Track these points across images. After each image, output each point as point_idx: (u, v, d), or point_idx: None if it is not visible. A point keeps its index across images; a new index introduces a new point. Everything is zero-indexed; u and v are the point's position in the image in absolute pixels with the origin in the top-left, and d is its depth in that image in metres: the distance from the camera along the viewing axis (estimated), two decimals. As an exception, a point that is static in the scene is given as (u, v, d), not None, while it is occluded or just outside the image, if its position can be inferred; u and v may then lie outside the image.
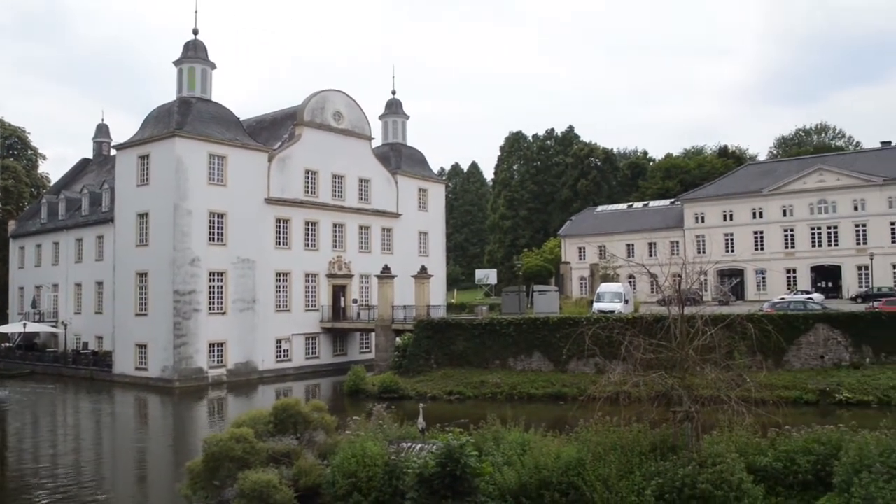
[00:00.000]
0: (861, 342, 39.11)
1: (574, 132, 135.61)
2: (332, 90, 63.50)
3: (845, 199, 76.17)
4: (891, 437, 16.77)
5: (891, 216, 73.70)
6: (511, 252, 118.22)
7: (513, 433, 19.62)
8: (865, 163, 78.78)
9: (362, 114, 65.57)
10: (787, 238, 79.50)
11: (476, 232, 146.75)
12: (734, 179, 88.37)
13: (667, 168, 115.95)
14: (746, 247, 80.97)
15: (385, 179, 67.04)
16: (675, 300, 17.42)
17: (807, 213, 78.29)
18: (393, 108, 73.24)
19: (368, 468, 18.26)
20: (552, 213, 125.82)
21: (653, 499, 15.30)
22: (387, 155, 69.96)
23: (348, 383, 44.75)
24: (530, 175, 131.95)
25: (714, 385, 16.78)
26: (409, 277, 56.59)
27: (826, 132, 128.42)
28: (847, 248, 75.61)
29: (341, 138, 62.89)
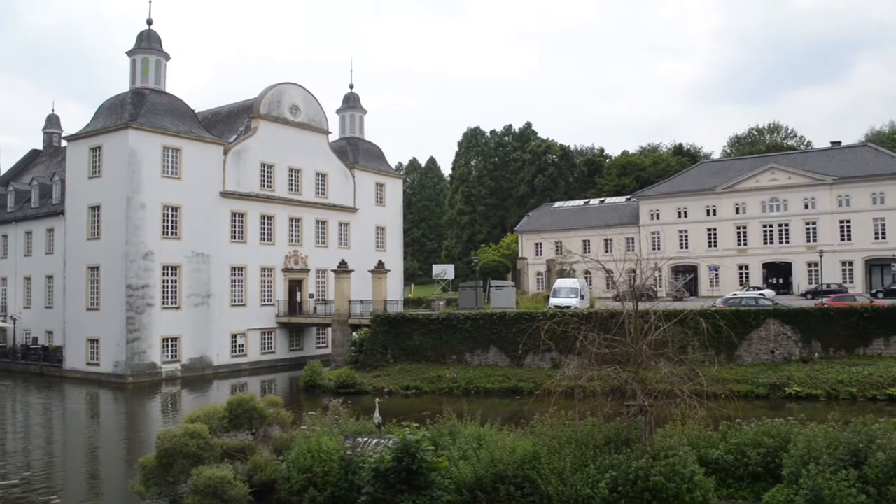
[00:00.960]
0: (810, 337, 40.05)
1: (531, 128, 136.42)
2: (288, 83, 62.95)
3: (796, 198, 77.78)
4: (838, 429, 17.23)
5: (840, 214, 75.49)
6: (468, 247, 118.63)
7: (469, 427, 19.74)
8: (816, 162, 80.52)
9: (319, 107, 65.15)
10: (740, 235, 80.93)
11: (433, 227, 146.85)
12: (689, 177, 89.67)
13: (623, 165, 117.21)
14: (700, 243, 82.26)
15: (342, 174, 66.72)
16: (629, 296, 17.68)
17: (759, 211, 79.78)
18: (350, 103, 72.88)
19: (324, 463, 18.23)
20: (509, 209, 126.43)
21: (606, 491, 15.53)
22: (344, 149, 69.65)
23: (304, 378, 44.54)
24: (488, 171, 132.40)
25: (667, 379, 17.08)
26: (366, 272, 56.45)
27: (778, 132, 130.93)
28: (798, 245, 77.26)
29: (298, 132, 62.42)
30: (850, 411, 22.68)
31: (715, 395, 17.71)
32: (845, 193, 75.39)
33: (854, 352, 39.24)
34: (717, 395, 18.01)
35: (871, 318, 39.47)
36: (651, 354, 17.07)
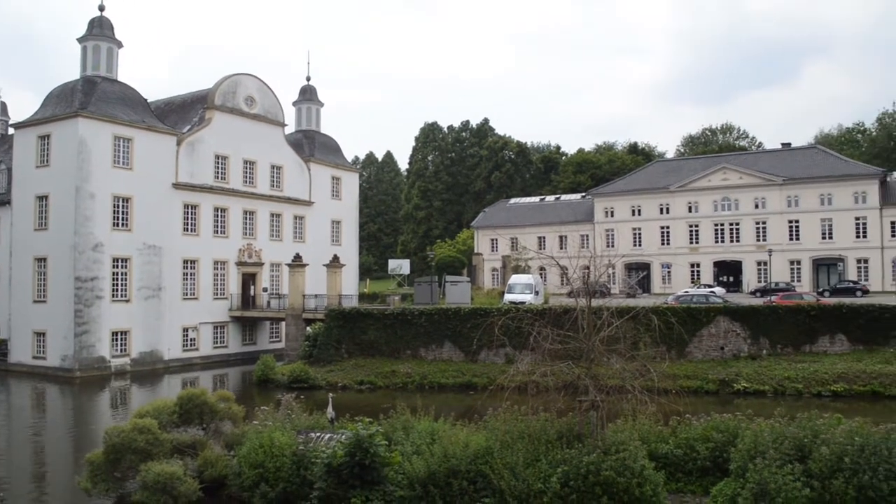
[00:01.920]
0: (759, 334, 40.85)
1: (489, 125, 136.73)
2: (244, 74, 62.17)
3: (747, 198, 79.22)
4: (784, 425, 17.59)
5: (789, 214, 77.10)
6: (424, 242, 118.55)
7: (422, 422, 19.75)
8: (767, 163, 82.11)
9: (275, 99, 64.45)
10: (692, 233, 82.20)
11: (390, 222, 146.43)
12: (643, 176, 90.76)
13: (579, 163, 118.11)
14: (653, 241, 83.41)
15: (298, 166, 66.14)
16: (582, 292, 17.82)
17: (711, 210, 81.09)
18: (307, 95, 72.26)
19: (276, 458, 18.11)
20: (466, 205, 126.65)
21: (558, 486, 15.65)
22: (300, 142, 69.03)
23: (257, 373, 44.18)
24: (445, 166, 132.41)
25: (619, 375, 17.27)
26: (321, 266, 56.07)
27: (731, 132, 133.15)
28: (748, 244, 78.74)
29: (253, 124, 61.68)
30: (796, 407, 23.20)
31: (665, 390, 17.98)
32: (794, 194, 77.04)
33: (801, 349, 40.12)
34: (668, 391, 18.29)
35: (817, 317, 40.40)
36: (603, 350, 17.23)
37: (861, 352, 38.91)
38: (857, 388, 35.61)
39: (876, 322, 39.19)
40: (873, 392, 35.19)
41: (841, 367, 37.26)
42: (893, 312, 39.19)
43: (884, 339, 38.86)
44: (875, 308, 39.83)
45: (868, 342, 39.10)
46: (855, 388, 35.59)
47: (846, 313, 39.94)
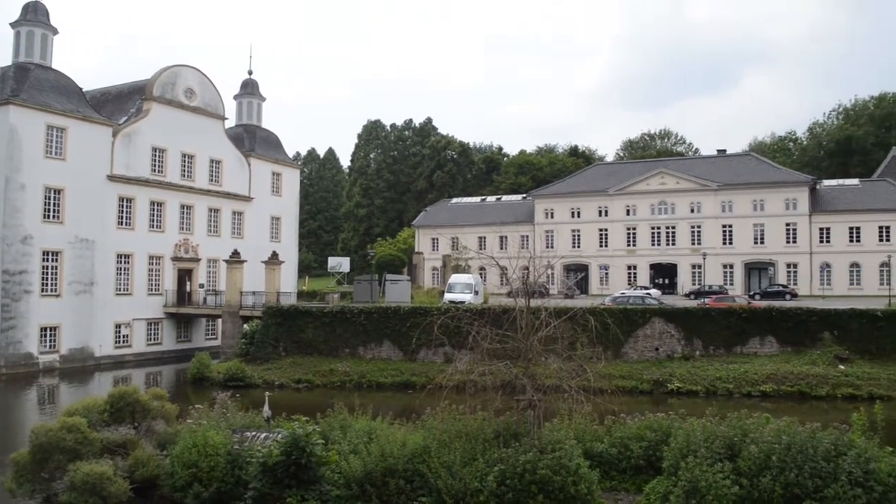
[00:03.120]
0: (692, 336, 41.76)
1: (432, 124, 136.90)
2: (184, 66, 61.00)
3: (683, 202, 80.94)
4: (715, 424, 17.99)
5: (723, 219, 79.03)
6: (365, 240, 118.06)
7: (360, 421, 19.64)
8: (703, 169, 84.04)
9: (216, 92, 63.38)
10: (630, 236, 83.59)
11: (330, 219, 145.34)
12: (583, 179, 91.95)
13: (520, 164, 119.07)
14: (592, 243, 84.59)
15: (237, 161, 65.14)
16: (521, 292, 17.95)
17: (648, 214, 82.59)
18: (249, 89, 71.20)
19: (210, 458, 17.81)
20: (407, 204, 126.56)
21: (494, 484, 15.73)
22: (240, 136, 68.00)
23: (192, 371, 43.43)
24: (387, 164, 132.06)
25: (556, 374, 17.44)
26: (259, 263, 55.31)
27: (669, 138, 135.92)
28: (683, 247, 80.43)
29: (192, 116, 60.54)
30: (727, 407, 23.72)
31: (601, 390, 18.20)
32: (728, 199, 79.00)
33: (732, 350, 41.14)
34: (604, 391, 18.51)
35: (748, 319, 41.49)
36: (541, 350, 17.39)
37: (789, 353, 40.09)
38: (785, 388, 36.72)
39: (804, 325, 40.44)
40: (800, 392, 36.33)
41: (770, 368, 38.38)
42: (820, 316, 40.51)
43: (811, 342, 40.10)
44: (803, 311, 41.12)
45: (796, 344, 40.31)
46: (783, 389, 36.69)
47: (776, 316, 41.12)
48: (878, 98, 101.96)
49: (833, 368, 37.87)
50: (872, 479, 15.55)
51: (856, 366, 38.11)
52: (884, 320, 39.40)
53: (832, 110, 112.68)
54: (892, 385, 36.06)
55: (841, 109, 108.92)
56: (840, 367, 38.04)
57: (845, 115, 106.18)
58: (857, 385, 36.27)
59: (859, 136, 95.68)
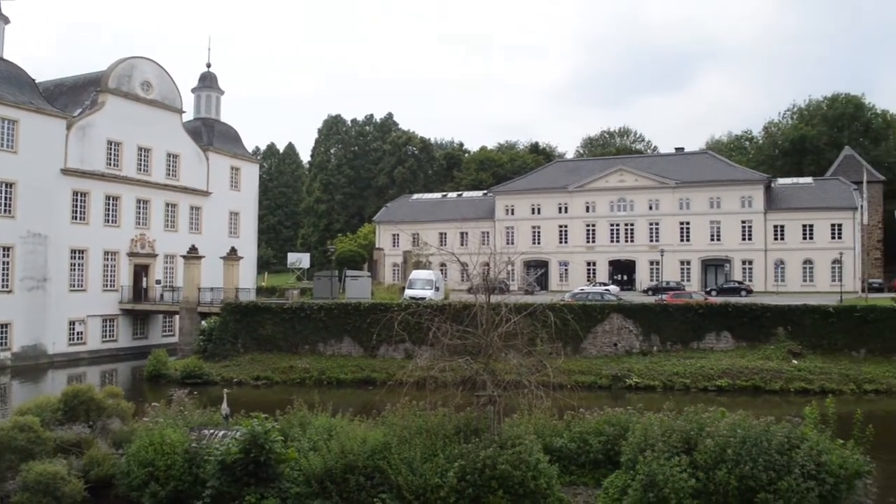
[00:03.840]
0: (650, 331, 42.27)
1: (393, 119, 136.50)
2: (141, 58, 59.94)
3: (642, 199, 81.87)
4: (672, 418, 18.25)
5: (681, 216, 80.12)
6: (325, 236, 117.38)
7: (320, 418, 19.54)
8: (661, 166, 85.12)
9: (173, 85, 62.41)
10: (589, 233, 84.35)
11: (290, 214, 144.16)
12: (543, 175, 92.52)
13: (481, 161, 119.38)
14: (552, 239, 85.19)
15: (195, 155, 64.26)
16: (482, 288, 18.00)
17: (607, 211, 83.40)
18: (207, 82, 70.26)
19: (167, 456, 17.58)
20: (368, 199, 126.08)
21: (455, 480, 15.76)
22: (198, 130, 67.08)
23: (149, 368, 42.79)
24: (347, 160, 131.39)
25: (516, 370, 17.52)
26: (217, 258, 54.66)
27: (628, 135, 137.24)
28: (642, 244, 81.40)
29: (149, 109, 59.54)
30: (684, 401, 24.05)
31: (561, 385, 18.34)
32: (686, 197, 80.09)
33: (689, 345, 41.72)
34: (564, 386, 18.66)
35: (705, 315, 42.11)
36: (501, 346, 17.46)
37: (744, 348, 40.78)
38: (740, 382, 37.37)
39: (758, 320, 41.16)
40: (755, 387, 37.00)
41: (726, 363, 39.03)
42: (774, 311, 41.27)
43: (765, 337, 40.85)
44: (757, 307, 41.85)
45: (751, 339, 41.02)
46: (738, 383, 37.33)
47: (731, 312, 41.78)
48: (830, 98, 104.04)
49: (786, 363, 38.64)
50: (824, 472, 15.93)
51: (808, 360, 38.92)
52: (835, 316, 40.27)
53: (787, 110, 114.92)
54: (844, 379, 36.91)
55: (795, 109, 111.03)
56: (793, 361, 38.83)
57: (799, 114, 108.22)
58: (809, 379, 37.06)
59: (813, 135, 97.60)
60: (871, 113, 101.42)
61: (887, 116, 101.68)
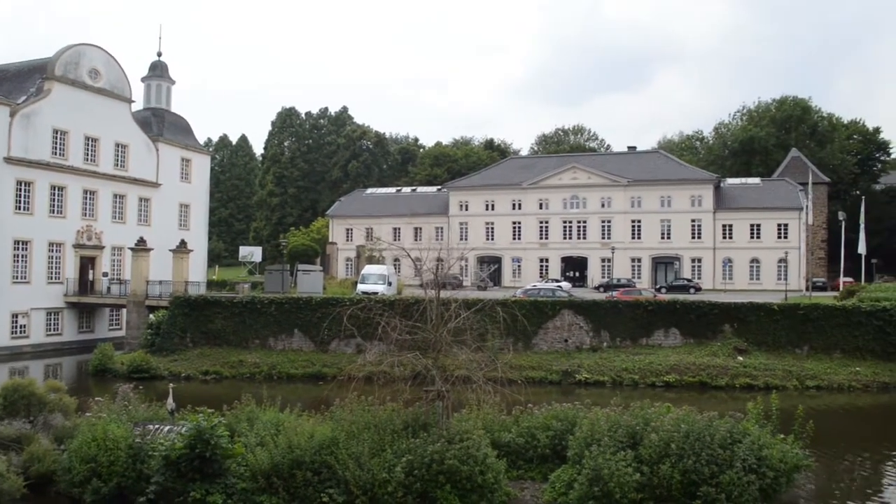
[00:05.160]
0: (600, 327, 42.72)
1: (348, 113, 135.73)
2: (89, 45, 58.52)
3: (594, 197, 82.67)
4: (618, 413, 18.51)
5: (632, 214, 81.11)
6: (278, 230, 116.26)
7: (268, 413, 19.41)
8: (614, 165, 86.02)
9: (123, 74, 61.08)
10: (542, 229, 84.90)
11: (242, 207, 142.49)
12: (498, 171, 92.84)
13: (436, 156, 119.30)
14: (505, 235, 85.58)
15: (145, 146, 63.04)
16: (432, 284, 18.03)
17: (560, 208, 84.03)
18: (158, 71, 68.93)
19: (110, 452, 17.32)
20: (322, 193, 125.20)
21: (402, 475, 15.79)
22: (148, 120, 65.81)
23: (94, 362, 41.99)
24: (301, 153, 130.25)
25: (465, 365, 17.60)
26: (167, 251, 53.75)
27: (582, 133, 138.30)
28: (594, 241, 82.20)
29: (97, 98, 58.20)
30: (632, 397, 24.46)
31: (511, 381, 18.49)
32: (638, 195, 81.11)
33: (638, 342, 42.28)
34: (514, 382, 18.81)
35: (654, 312, 42.72)
36: (451, 341, 17.51)
37: (692, 345, 41.48)
38: (687, 378, 37.98)
39: (705, 317, 41.88)
40: (701, 382, 37.63)
41: (673, 359, 39.65)
42: (721, 309, 42.04)
43: (712, 334, 41.59)
44: (705, 304, 42.59)
45: (698, 336, 41.73)
46: (685, 379, 37.94)
47: (679, 309, 42.45)
48: (779, 101, 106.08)
49: (732, 360, 39.39)
50: (765, 466, 16.33)
51: (753, 357, 39.74)
52: (780, 314, 41.17)
53: (737, 111, 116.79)
54: (787, 375, 37.76)
55: (745, 111, 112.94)
56: (739, 358, 39.60)
57: (749, 116, 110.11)
58: (754, 375, 37.82)
59: (761, 136, 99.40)
60: (817, 116, 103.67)
61: (833, 120, 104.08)
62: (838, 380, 37.46)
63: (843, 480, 21.93)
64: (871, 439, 28.74)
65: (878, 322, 39.75)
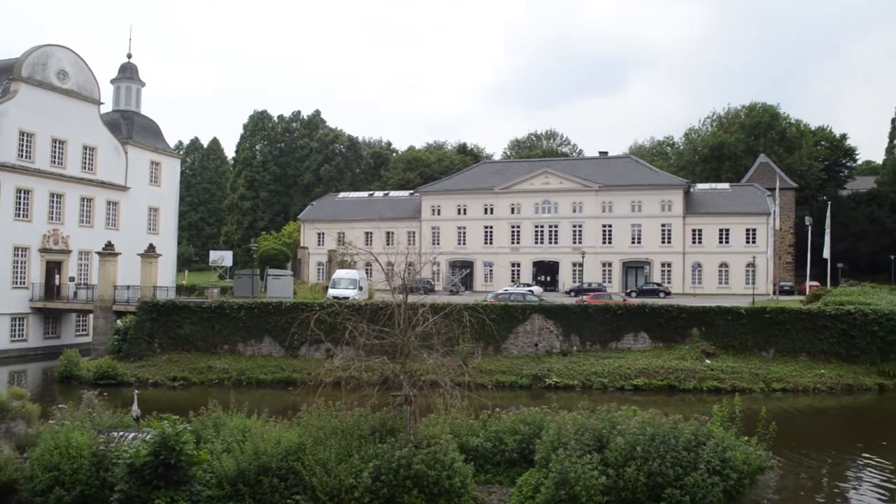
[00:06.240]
0: (570, 332, 42.94)
1: (320, 116, 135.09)
2: (57, 45, 57.81)
3: (566, 202, 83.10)
4: (585, 417, 18.62)
5: (603, 219, 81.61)
6: (249, 234, 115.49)
7: (234, 419, 19.27)
8: (585, 170, 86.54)
9: (91, 75, 60.38)
10: (514, 234, 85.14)
11: (213, 211, 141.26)
12: (470, 176, 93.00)
13: (409, 160, 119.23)
14: (477, 240, 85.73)
15: (113, 149, 62.34)
16: (401, 288, 18.03)
17: (532, 212, 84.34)
18: (127, 73, 68.20)
19: (73, 460, 17.08)
20: (294, 197, 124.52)
21: (369, 480, 15.75)
22: (117, 123, 65.09)
23: (59, 369, 41.43)
24: (273, 157, 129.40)
25: (434, 370, 17.60)
26: (135, 256, 53.20)
27: (554, 138, 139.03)
28: (565, 245, 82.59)
29: (65, 100, 57.49)
30: (601, 400, 24.57)
31: (481, 385, 18.52)
32: (609, 200, 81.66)
33: (608, 346, 42.56)
34: (483, 386, 18.84)
35: (623, 315, 43.01)
36: (419, 346, 17.51)
37: (661, 349, 41.83)
38: (655, 382, 38.30)
39: (674, 321, 42.26)
40: (669, 386, 37.99)
41: (642, 362, 39.96)
42: (689, 313, 42.46)
43: (680, 337, 41.97)
44: (673, 308, 42.98)
45: (667, 340, 42.10)
46: (654, 383, 38.26)
47: (648, 313, 42.79)
48: (748, 108, 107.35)
49: (700, 363, 39.79)
50: (729, 467, 16.52)
51: (721, 360, 40.17)
52: (746, 317, 41.66)
53: (707, 117, 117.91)
54: (754, 378, 38.22)
55: (715, 117, 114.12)
56: (706, 361, 40.01)
57: (718, 122, 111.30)
58: (721, 378, 38.24)
59: (731, 142, 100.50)
60: (785, 122, 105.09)
61: (800, 126, 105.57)
62: (803, 382, 38.00)
63: (806, 482, 22.23)
64: (835, 441, 29.17)
65: (842, 325, 40.37)
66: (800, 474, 22.85)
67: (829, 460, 25.31)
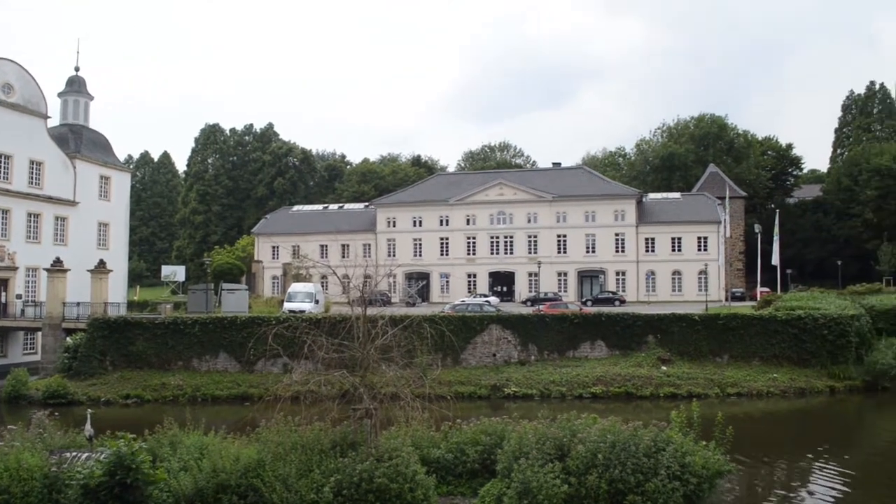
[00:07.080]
0: (528, 341, 43.16)
1: (273, 129, 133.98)
2: (1, 58, 56.47)
3: (521, 212, 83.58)
4: (546, 425, 18.67)
5: (557, 229, 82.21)
6: (202, 248, 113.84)
7: (191, 437, 18.91)
8: (539, 181, 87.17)
9: (38, 88, 59.09)
10: (470, 245, 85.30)
11: (165, 226, 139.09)
12: (425, 188, 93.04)
13: (363, 173, 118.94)
14: (433, 252, 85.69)
15: (61, 163, 61.02)
16: (359, 301, 17.91)
17: (487, 223, 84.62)
18: (75, 86, 66.86)
19: (24, 482, 16.59)
20: (247, 210, 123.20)
21: (331, 495, 15.59)
22: (65, 137, 63.73)
23: (7, 389, 40.31)
24: (226, 170, 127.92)
25: (393, 383, 17.50)
26: (85, 272, 52.05)
27: (508, 150, 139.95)
28: (521, 256, 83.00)
29: (10, 113, 56.12)
30: (560, 409, 24.70)
31: (441, 396, 18.47)
32: (563, 210, 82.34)
33: (565, 354, 42.87)
34: (444, 397, 18.78)
35: (580, 324, 43.38)
36: (378, 359, 17.40)
37: (617, 356, 42.27)
38: (613, 389, 38.65)
39: (630, 329, 42.75)
40: (627, 393, 38.37)
41: (600, 370, 40.33)
42: (645, 320, 42.98)
43: (636, 345, 42.46)
44: (629, 317, 43.47)
45: (623, 347, 42.55)
46: (611, 390, 38.61)
47: (605, 321, 43.23)
48: (697, 118, 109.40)
49: (656, 370, 40.30)
50: (688, 472, 16.70)
51: (676, 367, 40.73)
52: (701, 324, 42.33)
53: (657, 128, 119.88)
54: (709, 384, 38.81)
55: (665, 128, 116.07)
56: (663, 368, 40.53)
57: (668, 133, 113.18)
58: (677, 384, 38.76)
59: (681, 153, 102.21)
60: (733, 133, 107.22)
61: (748, 137, 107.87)
62: (757, 386, 38.71)
63: (763, 484, 22.60)
64: (789, 443, 29.74)
65: (793, 330, 41.24)
66: (756, 478, 23.22)
67: (783, 463, 25.77)
